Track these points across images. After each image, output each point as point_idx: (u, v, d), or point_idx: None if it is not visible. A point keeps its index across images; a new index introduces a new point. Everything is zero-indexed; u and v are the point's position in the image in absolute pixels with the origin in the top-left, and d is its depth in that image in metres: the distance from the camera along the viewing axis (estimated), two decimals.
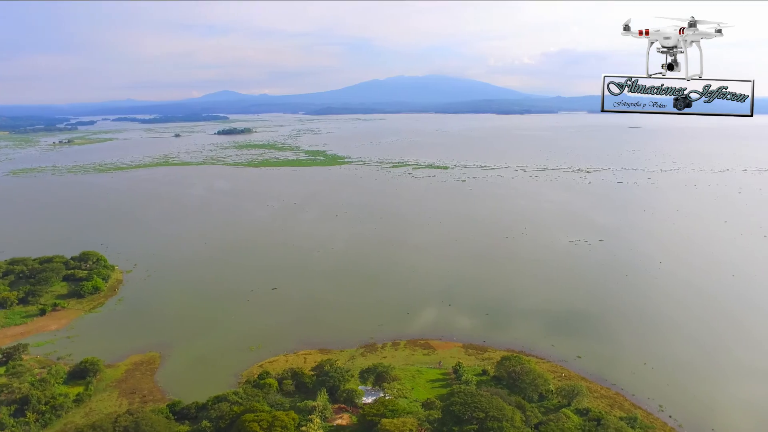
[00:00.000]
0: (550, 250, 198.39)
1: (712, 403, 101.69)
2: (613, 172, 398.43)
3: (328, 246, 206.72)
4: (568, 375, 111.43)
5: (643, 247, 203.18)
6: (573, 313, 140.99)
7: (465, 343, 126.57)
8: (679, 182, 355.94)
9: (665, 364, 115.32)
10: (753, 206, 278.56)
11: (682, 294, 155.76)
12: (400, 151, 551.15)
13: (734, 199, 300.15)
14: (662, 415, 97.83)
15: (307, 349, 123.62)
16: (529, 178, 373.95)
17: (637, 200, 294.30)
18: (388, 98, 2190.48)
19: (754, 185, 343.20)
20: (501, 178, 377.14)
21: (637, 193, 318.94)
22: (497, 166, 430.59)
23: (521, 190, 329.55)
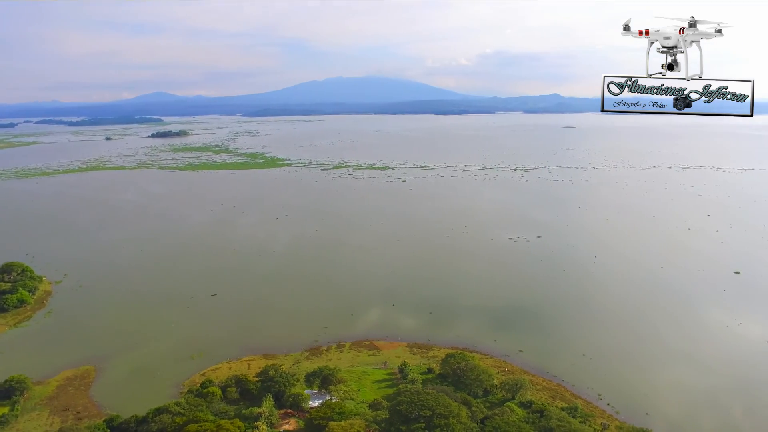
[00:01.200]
0: (491, 248, 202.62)
1: (646, 388, 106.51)
2: (549, 171, 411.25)
3: (270, 249, 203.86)
4: (511, 369, 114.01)
5: (579, 242, 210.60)
6: (514, 309, 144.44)
7: (410, 342, 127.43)
8: (611, 179, 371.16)
9: (603, 354, 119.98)
10: (678, 201, 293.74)
11: (616, 286, 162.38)
12: (340, 153, 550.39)
13: (661, 194, 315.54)
14: (601, 403, 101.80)
15: (251, 355, 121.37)
16: (469, 178, 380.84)
17: (571, 197, 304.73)
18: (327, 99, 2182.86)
19: (678, 181, 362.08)
20: (441, 177, 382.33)
21: (571, 190, 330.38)
22: (437, 166, 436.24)
23: (461, 189, 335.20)
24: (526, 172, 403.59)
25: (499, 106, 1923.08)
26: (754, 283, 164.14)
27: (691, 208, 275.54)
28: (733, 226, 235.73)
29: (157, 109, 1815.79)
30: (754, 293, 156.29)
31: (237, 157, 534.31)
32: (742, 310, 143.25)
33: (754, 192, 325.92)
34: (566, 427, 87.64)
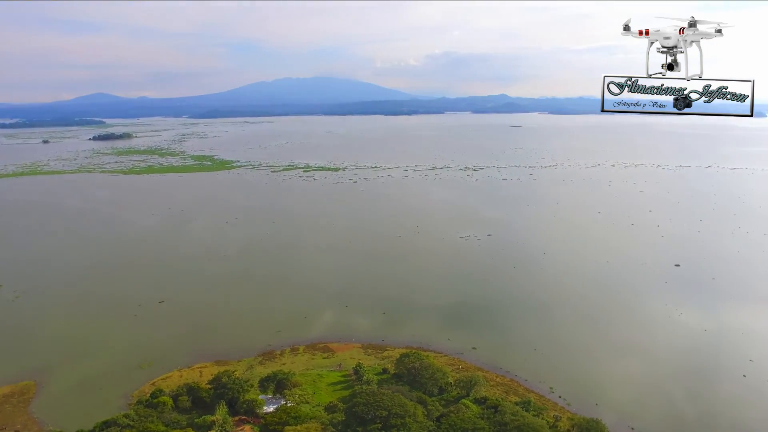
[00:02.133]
0: (442, 247, 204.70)
1: (595, 379, 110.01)
2: (498, 170, 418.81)
3: (220, 253, 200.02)
4: (465, 366, 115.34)
5: (529, 239, 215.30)
6: (467, 307, 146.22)
7: (364, 343, 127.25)
8: (558, 177, 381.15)
9: (553, 348, 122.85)
10: (621, 197, 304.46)
11: (565, 281, 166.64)
12: (290, 154, 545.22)
13: (605, 191, 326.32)
14: (553, 396, 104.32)
15: (203, 362, 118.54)
16: (419, 178, 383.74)
17: (520, 195, 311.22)
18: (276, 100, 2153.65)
19: (621, 178, 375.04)
20: (392, 178, 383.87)
21: (520, 188, 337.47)
22: (388, 167, 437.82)
23: (412, 189, 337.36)
24: (475, 172, 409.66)
25: (449, 107, 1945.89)
26: (693, 275, 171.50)
27: (634, 204, 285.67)
28: (673, 220, 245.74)
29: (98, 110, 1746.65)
30: (692, 284, 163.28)
31: (184, 159, 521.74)
32: (683, 300, 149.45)
33: (690, 188, 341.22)
34: (520, 421, 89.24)
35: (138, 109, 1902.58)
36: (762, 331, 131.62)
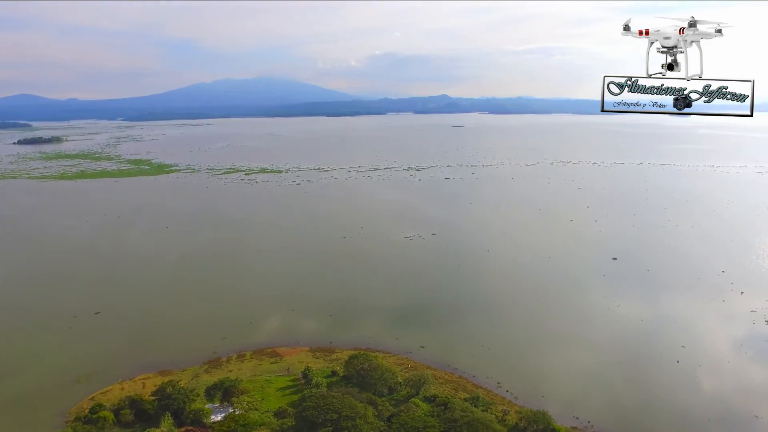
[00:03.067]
0: (388, 247, 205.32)
1: (541, 372, 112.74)
2: (441, 169, 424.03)
3: (160, 260, 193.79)
4: (414, 365, 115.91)
5: (472, 237, 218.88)
6: (413, 306, 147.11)
7: (312, 346, 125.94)
8: (499, 176, 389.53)
9: (500, 344, 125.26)
10: (560, 194, 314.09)
11: (509, 277, 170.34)
12: (232, 157, 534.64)
13: (545, 188, 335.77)
14: (500, 391, 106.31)
15: (145, 373, 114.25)
16: (363, 179, 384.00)
17: (463, 194, 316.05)
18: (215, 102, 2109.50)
19: (560, 176, 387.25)
20: (335, 179, 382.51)
21: (463, 187, 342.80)
22: (331, 168, 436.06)
23: (355, 190, 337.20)
24: (418, 172, 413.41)
25: (391, 107, 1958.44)
26: (629, 268, 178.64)
27: (573, 200, 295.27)
28: (609, 215, 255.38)
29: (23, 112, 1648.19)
30: (629, 276, 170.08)
31: (120, 164, 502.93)
32: (620, 292, 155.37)
33: (624, 184, 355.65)
34: (470, 417, 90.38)
35: (68, 111, 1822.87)
36: (692, 319, 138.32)
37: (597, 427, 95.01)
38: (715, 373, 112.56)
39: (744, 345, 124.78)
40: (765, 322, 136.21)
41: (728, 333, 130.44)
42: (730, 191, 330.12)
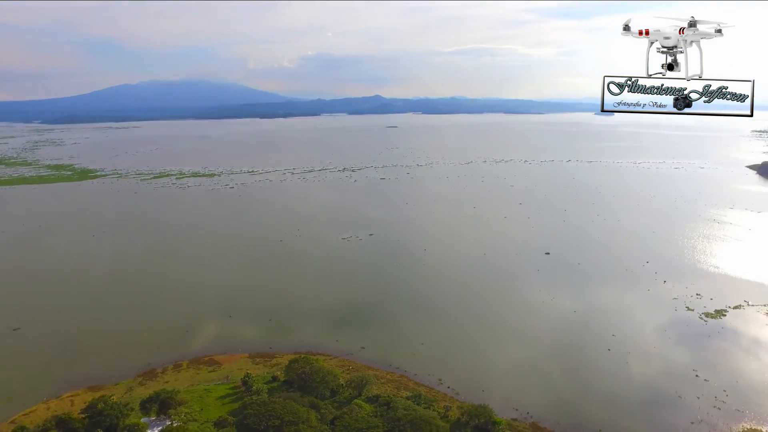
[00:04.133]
0: (325, 249, 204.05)
1: (480, 367, 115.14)
2: (376, 169, 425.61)
3: (87, 269, 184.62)
4: (355, 367, 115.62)
5: (409, 236, 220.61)
6: (353, 307, 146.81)
7: (251, 352, 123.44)
8: (434, 175, 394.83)
9: (439, 341, 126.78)
10: (494, 192, 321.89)
11: (446, 275, 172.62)
12: (161, 161, 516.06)
13: (479, 187, 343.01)
14: (442, 388, 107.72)
15: (74, 390, 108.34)
16: (298, 180, 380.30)
17: (399, 194, 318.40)
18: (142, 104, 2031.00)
19: (493, 174, 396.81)
20: (270, 182, 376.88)
21: (399, 187, 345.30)
22: (265, 171, 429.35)
23: (291, 192, 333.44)
24: (354, 172, 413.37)
25: (324, 108, 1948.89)
26: (561, 262, 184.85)
27: (506, 198, 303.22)
28: (541, 212, 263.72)
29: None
30: (561, 270, 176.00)
31: (38, 169, 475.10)
32: (553, 286, 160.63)
33: (554, 181, 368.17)
34: (412, 415, 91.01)
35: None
36: (620, 308, 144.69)
37: (536, 417, 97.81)
38: (643, 358, 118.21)
39: (668, 331, 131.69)
40: (686, 308, 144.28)
41: (654, 320, 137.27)
42: (651, 186, 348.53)
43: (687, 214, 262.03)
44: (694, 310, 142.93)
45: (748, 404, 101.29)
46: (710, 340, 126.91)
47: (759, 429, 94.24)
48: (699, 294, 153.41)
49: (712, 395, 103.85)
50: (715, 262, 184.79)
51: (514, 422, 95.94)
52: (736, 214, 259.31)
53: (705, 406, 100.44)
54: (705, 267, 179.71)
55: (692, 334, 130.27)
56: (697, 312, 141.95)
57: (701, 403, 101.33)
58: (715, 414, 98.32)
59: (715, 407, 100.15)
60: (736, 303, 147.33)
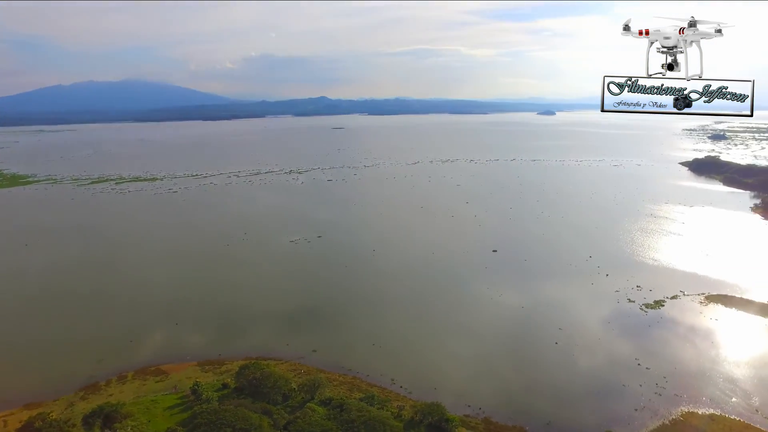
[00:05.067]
0: (273, 252, 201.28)
1: (432, 365, 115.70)
2: (323, 171, 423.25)
3: (19, 280, 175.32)
4: (307, 370, 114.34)
5: (358, 237, 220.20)
6: (303, 310, 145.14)
7: (200, 360, 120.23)
8: (381, 176, 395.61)
9: (391, 341, 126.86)
10: (441, 192, 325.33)
11: (396, 275, 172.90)
12: (100, 165, 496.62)
13: (426, 186, 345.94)
14: (395, 387, 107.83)
15: (8, 410, 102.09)
16: (243, 184, 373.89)
17: (347, 195, 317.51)
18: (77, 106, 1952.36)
19: (439, 173, 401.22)
20: (214, 185, 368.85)
21: (346, 188, 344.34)
22: (209, 174, 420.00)
23: (236, 195, 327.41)
24: (300, 174, 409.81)
25: (269, 110, 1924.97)
26: (508, 259, 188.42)
27: (453, 197, 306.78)
28: (487, 210, 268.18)
29: None
30: (508, 267, 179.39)
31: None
32: (501, 282, 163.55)
33: (500, 179, 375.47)
34: (366, 416, 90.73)
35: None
36: (566, 302, 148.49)
37: (488, 412, 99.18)
38: (588, 350, 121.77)
39: (611, 323, 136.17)
40: (627, 300, 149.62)
41: (598, 313, 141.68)
42: (592, 183, 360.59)
43: (626, 209, 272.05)
44: (634, 302, 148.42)
45: (686, 389, 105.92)
46: (650, 330, 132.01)
47: (696, 411, 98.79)
48: (639, 286, 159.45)
49: (653, 382, 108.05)
50: (653, 255, 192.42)
51: (467, 418, 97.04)
52: (671, 209, 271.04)
53: (647, 393, 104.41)
54: (644, 260, 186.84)
55: (634, 324, 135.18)
56: (637, 303, 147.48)
57: (644, 391, 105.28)
58: (657, 400, 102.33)
59: (656, 393, 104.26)
60: (672, 293, 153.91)
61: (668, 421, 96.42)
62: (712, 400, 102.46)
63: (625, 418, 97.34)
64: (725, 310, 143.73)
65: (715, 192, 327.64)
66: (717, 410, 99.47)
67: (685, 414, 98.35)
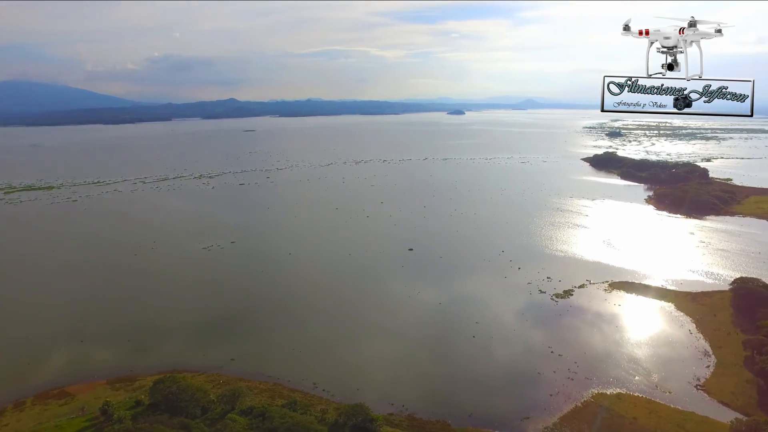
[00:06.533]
0: (185, 260, 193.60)
1: (354, 366, 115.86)
2: (235, 175, 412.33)
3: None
4: (226, 380, 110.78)
5: (273, 241, 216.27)
6: (219, 319, 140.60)
7: (110, 378, 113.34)
8: (295, 178, 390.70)
9: (311, 345, 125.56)
10: (355, 192, 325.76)
11: (313, 278, 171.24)
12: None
13: (340, 187, 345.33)
14: (317, 391, 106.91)
15: None
16: (151, 190, 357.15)
17: (260, 199, 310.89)
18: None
19: (353, 174, 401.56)
20: (120, 193, 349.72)
21: (259, 192, 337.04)
22: (114, 181, 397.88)
23: (144, 203, 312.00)
24: (211, 179, 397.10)
25: (176, 113, 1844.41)
26: (424, 256, 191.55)
27: (367, 197, 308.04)
28: (402, 210, 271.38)
29: None
30: (424, 265, 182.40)
31: None
32: (418, 280, 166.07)
33: (413, 179, 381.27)
34: (289, 422, 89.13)
35: None
36: (482, 296, 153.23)
37: (411, 409, 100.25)
38: (504, 342, 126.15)
39: (525, 314, 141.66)
40: (539, 291, 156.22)
41: (512, 305, 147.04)
42: (502, 179, 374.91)
43: (535, 204, 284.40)
44: (545, 293, 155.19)
45: (594, 372, 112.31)
46: (561, 318, 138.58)
47: (605, 392, 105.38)
48: (549, 277, 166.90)
49: (565, 368, 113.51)
50: (561, 246, 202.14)
51: (391, 417, 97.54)
52: (575, 202, 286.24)
53: (560, 379, 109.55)
54: (553, 252, 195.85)
55: (545, 314, 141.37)
56: (548, 294, 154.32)
57: (557, 377, 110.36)
58: (569, 384, 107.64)
59: (569, 378, 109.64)
60: (580, 282, 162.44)
61: (581, 404, 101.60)
62: (618, 380, 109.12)
63: (542, 403, 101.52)
64: (627, 296, 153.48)
65: (614, 186, 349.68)
66: (623, 389, 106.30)
67: (596, 395, 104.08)
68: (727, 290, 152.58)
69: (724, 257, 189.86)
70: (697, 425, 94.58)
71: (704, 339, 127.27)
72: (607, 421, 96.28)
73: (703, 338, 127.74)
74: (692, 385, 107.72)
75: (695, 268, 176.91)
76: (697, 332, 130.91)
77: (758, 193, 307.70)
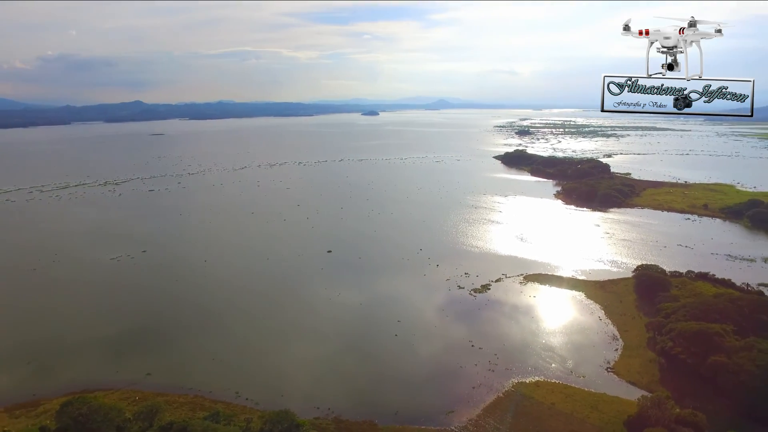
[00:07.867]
0: (92, 273, 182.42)
1: (277, 372, 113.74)
2: (143, 181, 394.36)
3: None
4: (143, 396, 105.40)
5: (187, 249, 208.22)
6: (132, 333, 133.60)
7: (8, 405, 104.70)
8: (207, 183, 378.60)
9: (232, 353, 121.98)
10: (271, 196, 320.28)
11: (231, 284, 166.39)
12: None
13: (255, 191, 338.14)
14: (240, 400, 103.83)
15: None
16: (50, 199, 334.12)
17: (171, 206, 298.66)
18: None
19: (268, 177, 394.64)
20: (12, 202, 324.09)
21: (170, 198, 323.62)
22: (4, 190, 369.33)
23: (42, 213, 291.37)
24: (117, 186, 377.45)
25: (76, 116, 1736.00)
26: (343, 258, 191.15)
27: (283, 200, 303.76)
28: (319, 212, 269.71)
29: None
30: (344, 266, 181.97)
31: None
32: (339, 282, 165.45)
33: (329, 180, 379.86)
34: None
35: None
36: (402, 295, 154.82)
37: (337, 412, 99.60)
38: (426, 338, 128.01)
39: (445, 309, 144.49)
40: (457, 287, 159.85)
41: (432, 302, 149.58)
42: (418, 178, 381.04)
43: (450, 202, 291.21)
44: (464, 288, 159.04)
45: (514, 362, 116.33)
46: (480, 312, 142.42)
47: (524, 381, 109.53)
48: (467, 273, 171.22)
49: (486, 360, 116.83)
50: (477, 243, 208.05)
51: (317, 420, 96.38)
52: (489, 199, 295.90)
53: (482, 371, 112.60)
54: (469, 248, 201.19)
55: (465, 309, 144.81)
56: (467, 289, 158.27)
57: (479, 369, 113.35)
58: (490, 376, 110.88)
59: (490, 370, 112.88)
60: (496, 277, 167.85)
61: (502, 394, 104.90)
62: (536, 369, 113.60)
63: (465, 396, 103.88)
64: (541, 287, 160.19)
65: (525, 182, 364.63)
66: (541, 377, 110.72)
67: (516, 384, 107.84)
68: (630, 277, 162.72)
69: (627, 246, 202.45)
70: (609, 405, 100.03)
71: (612, 324, 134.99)
72: (527, 408, 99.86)
73: (611, 323, 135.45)
74: (603, 368, 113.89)
75: (602, 258, 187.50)
76: (606, 318, 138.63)
77: (653, 186, 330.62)
